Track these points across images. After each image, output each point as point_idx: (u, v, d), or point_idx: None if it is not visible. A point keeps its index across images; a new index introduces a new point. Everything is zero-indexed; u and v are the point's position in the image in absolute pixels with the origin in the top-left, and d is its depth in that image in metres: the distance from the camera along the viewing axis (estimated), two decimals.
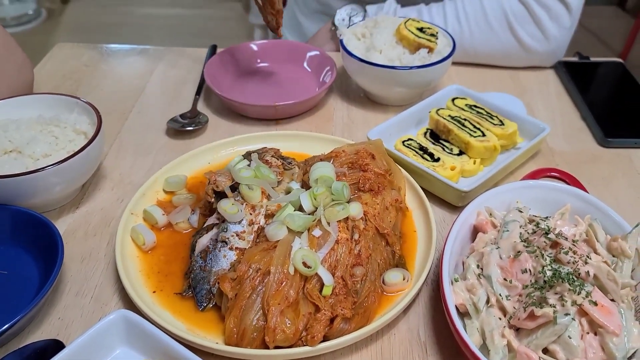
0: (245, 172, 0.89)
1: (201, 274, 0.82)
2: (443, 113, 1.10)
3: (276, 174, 0.92)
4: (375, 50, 1.20)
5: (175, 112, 1.23)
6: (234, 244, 0.84)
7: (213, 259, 0.83)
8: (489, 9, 1.31)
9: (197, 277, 0.81)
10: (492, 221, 0.86)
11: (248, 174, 0.89)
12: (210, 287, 0.80)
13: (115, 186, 1.05)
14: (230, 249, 0.83)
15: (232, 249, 0.83)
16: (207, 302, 0.80)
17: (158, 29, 4.28)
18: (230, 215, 0.84)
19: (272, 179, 0.90)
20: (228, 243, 0.84)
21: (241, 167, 0.91)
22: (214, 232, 0.86)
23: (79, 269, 0.88)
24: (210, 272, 0.82)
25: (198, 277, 0.81)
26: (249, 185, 0.87)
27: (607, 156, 1.13)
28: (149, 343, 0.71)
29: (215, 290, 0.80)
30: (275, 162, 0.96)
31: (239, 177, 0.88)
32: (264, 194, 0.88)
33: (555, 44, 1.33)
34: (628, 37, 3.61)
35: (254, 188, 0.87)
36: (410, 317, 0.82)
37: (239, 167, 0.91)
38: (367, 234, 0.83)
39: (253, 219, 0.86)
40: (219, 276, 0.80)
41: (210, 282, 0.81)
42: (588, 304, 0.69)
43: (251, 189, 0.87)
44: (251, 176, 0.89)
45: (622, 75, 1.38)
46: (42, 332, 0.79)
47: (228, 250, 0.83)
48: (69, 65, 1.43)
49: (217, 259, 0.83)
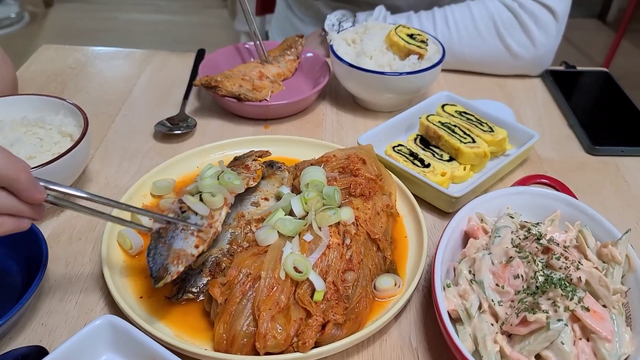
0: (208, 180, 0.86)
1: (160, 248, 0.76)
2: (433, 119, 1.10)
3: (251, 178, 0.91)
4: (365, 55, 1.20)
5: (162, 116, 1.21)
6: (194, 232, 0.79)
7: (173, 237, 0.77)
8: (477, 16, 1.32)
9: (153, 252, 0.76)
10: (483, 227, 0.86)
11: (210, 181, 0.86)
12: (165, 263, 0.75)
13: (101, 190, 1.03)
14: (191, 234, 0.78)
15: (193, 234, 0.78)
16: (160, 280, 0.73)
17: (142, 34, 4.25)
18: (193, 204, 0.81)
19: (234, 185, 0.86)
20: (187, 229, 0.79)
21: (209, 174, 0.88)
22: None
23: (63, 273, 0.86)
24: (169, 249, 0.76)
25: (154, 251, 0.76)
26: (211, 192, 0.84)
27: (594, 164, 1.14)
28: (136, 349, 0.69)
29: (172, 267, 0.74)
30: (255, 166, 0.95)
31: (200, 184, 0.85)
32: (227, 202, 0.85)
33: (542, 50, 1.34)
34: (609, 49, 3.68)
35: (215, 194, 0.84)
36: (401, 323, 0.81)
37: (206, 175, 0.88)
38: (359, 239, 0.82)
39: (212, 223, 0.83)
40: (177, 254, 0.75)
41: (167, 258, 0.75)
42: (580, 309, 0.69)
43: (213, 195, 0.83)
44: (212, 183, 0.85)
45: (607, 84, 1.40)
46: (24, 338, 0.76)
47: (189, 234, 0.78)
48: (54, 67, 1.40)
49: (177, 237, 0.77)
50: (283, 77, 1.33)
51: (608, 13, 4.46)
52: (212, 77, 1.17)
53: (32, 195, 0.64)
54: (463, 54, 1.36)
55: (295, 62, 1.35)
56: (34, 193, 0.64)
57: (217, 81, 1.16)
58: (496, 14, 1.32)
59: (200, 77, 1.19)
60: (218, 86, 1.16)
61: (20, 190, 0.63)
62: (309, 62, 1.37)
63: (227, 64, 1.33)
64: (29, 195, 0.64)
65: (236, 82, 1.19)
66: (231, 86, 1.17)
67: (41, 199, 0.66)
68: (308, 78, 1.35)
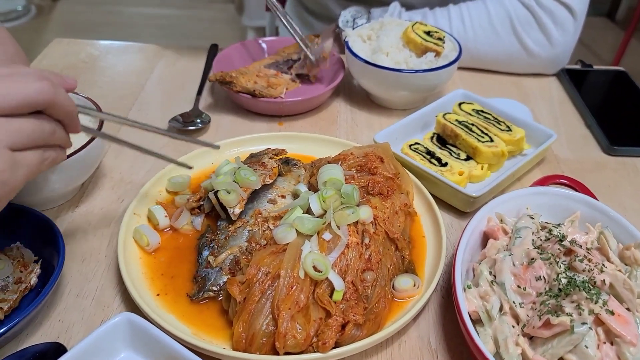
0: (222, 177, 0.88)
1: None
2: (450, 118, 1.09)
3: (267, 175, 0.91)
4: (381, 52, 1.18)
5: (176, 111, 1.20)
6: None
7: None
8: (493, 14, 1.31)
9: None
10: (503, 227, 0.85)
11: (225, 178, 0.88)
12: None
13: (115, 185, 1.02)
14: None
15: None
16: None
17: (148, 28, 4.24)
18: None
19: (250, 181, 0.88)
20: None
21: (225, 171, 0.91)
22: None
23: (79, 269, 0.85)
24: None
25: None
26: (227, 189, 0.86)
27: (612, 164, 1.13)
28: (154, 347, 0.68)
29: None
30: (271, 164, 0.95)
31: (214, 182, 0.88)
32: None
33: (559, 49, 1.33)
34: (618, 47, 3.65)
35: (230, 192, 0.86)
36: (420, 323, 0.81)
37: (222, 171, 0.91)
38: (377, 239, 0.82)
39: None
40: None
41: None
42: (605, 313, 0.68)
43: (228, 192, 0.86)
44: (227, 180, 0.88)
45: (624, 83, 1.38)
46: (41, 334, 0.76)
47: None
48: (66, 61, 1.40)
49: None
50: None
51: (617, 11, 4.43)
52: (227, 73, 1.16)
53: (76, 127, 0.65)
54: (478, 52, 1.35)
55: None
56: (77, 124, 0.65)
57: (232, 77, 1.15)
58: (513, 12, 1.30)
59: (214, 73, 1.18)
60: (233, 82, 1.15)
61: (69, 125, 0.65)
62: None
63: (240, 60, 1.33)
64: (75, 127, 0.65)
65: (251, 78, 1.18)
66: (246, 82, 1.16)
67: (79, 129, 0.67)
68: (322, 75, 1.33)
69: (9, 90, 0.57)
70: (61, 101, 0.61)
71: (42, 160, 0.62)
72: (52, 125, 0.62)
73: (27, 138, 0.59)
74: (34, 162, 0.61)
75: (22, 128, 0.58)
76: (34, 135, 0.60)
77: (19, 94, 0.57)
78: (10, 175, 0.57)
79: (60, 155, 0.66)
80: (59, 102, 0.61)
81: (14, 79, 0.58)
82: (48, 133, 0.61)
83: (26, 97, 0.58)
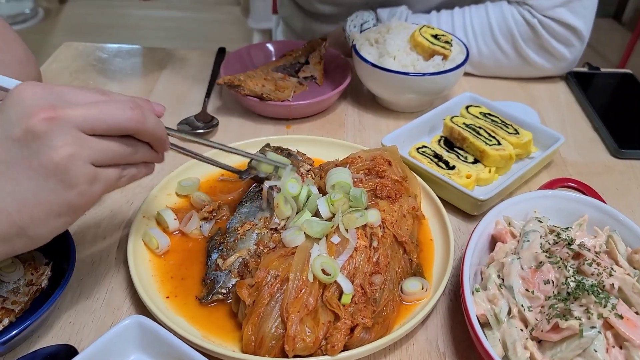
0: (292, 186, 0.86)
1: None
2: (458, 121, 1.09)
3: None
4: (389, 56, 1.19)
5: (184, 114, 1.21)
6: None
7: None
8: (494, 24, 1.30)
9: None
10: (511, 231, 0.86)
11: (294, 190, 0.86)
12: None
13: (125, 189, 1.02)
14: None
15: None
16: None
17: (154, 31, 4.26)
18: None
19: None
20: None
21: (289, 178, 0.87)
22: None
23: (89, 272, 0.86)
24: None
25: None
26: (286, 198, 0.85)
27: (620, 167, 1.13)
28: (164, 350, 0.69)
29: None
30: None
31: (285, 189, 0.85)
32: None
33: (564, 63, 1.33)
34: (625, 49, 3.64)
35: (288, 205, 0.85)
36: (428, 327, 0.81)
37: (287, 178, 0.87)
38: (385, 242, 0.82)
39: None
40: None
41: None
42: (614, 317, 0.68)
43: (286, 204, 0.85)
44: (296, 194, 0.86)
45: (632, 86, 1.38)
46: (52, 336, 0.77)
47: None
48: (76, 65, 1.41)
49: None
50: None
51: (623, 13, 4.41)
52: (235, 77, 1.17)
53: (164, 147, 0.73)
54: (481, 63, 1.35)
55: (320, 65, 1.34)
56: (165, 145, 0.73)
57: (240, 80, 1.16)
58: (514, 25, 1.29)
59: (222, 76, 1.19)
60: (241, 85, 1.16)
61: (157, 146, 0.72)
62: (331, 62, 1.37)
63: (248, 63, 1.33)
64: (163, 148, 0.73)
65: (259, 81, 1.19)
66: (254, 85, 1.17)
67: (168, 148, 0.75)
68: (329, 78, 1.34)
69: (103, 115, 0.63)
70: (149, 128, 0.68)
71: (119, 176, 0.69)
72: (136, 148, 0.69)
73: (110, 157, 0.66)
74: (112, 177, 0.67)
75: (109, 148, 0.65)
76: (116, 155, 0.66)
77: (112, 119, 0.64)
78: (89, 187, 0.63)
79: (141, 171, 0.72)
80: (146, 129, 0.67)
81: (109, 105, 0.64)
82: (129, 154, 0.68)
83: (119, 124, 0.64)
